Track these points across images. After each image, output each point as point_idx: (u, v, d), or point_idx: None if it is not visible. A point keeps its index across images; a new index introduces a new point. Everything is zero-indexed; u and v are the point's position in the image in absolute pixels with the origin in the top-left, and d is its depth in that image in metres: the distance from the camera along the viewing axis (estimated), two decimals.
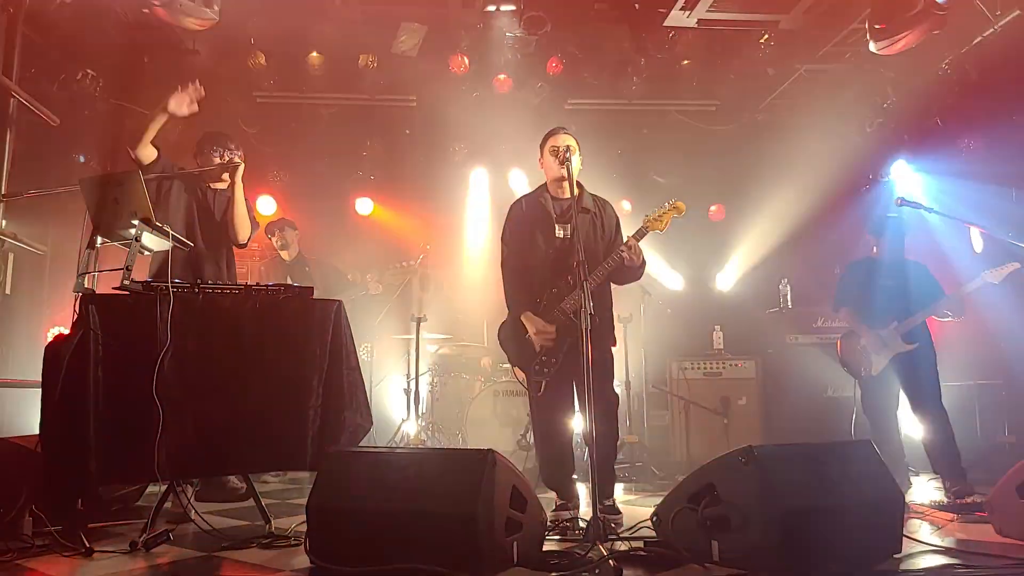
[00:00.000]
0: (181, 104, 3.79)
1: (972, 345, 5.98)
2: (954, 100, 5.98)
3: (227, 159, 3.99)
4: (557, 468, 3.79)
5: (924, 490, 4.63)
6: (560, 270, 3.75)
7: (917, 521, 3.56)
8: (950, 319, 4.62)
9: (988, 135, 5.74)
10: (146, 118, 3.82)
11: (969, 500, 4.05)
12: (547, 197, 3.89)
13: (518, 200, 4.02)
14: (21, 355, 5.88)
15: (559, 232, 3.80)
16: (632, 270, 3.74)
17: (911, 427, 5.63)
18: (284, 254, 6.14)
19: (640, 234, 3.68)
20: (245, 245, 4.20)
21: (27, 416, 5.64)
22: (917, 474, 5.09)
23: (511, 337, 3.85)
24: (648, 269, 3.90)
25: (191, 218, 4.03)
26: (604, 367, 3.69)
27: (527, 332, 3.76)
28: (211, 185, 4.13)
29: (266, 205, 7.61)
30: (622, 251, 3.61)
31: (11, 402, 5.54)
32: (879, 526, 2.70)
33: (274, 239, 6.15)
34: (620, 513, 3.64)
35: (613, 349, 3.89)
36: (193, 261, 3.97)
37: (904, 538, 2.79)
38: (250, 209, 4.16)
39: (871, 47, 5.07)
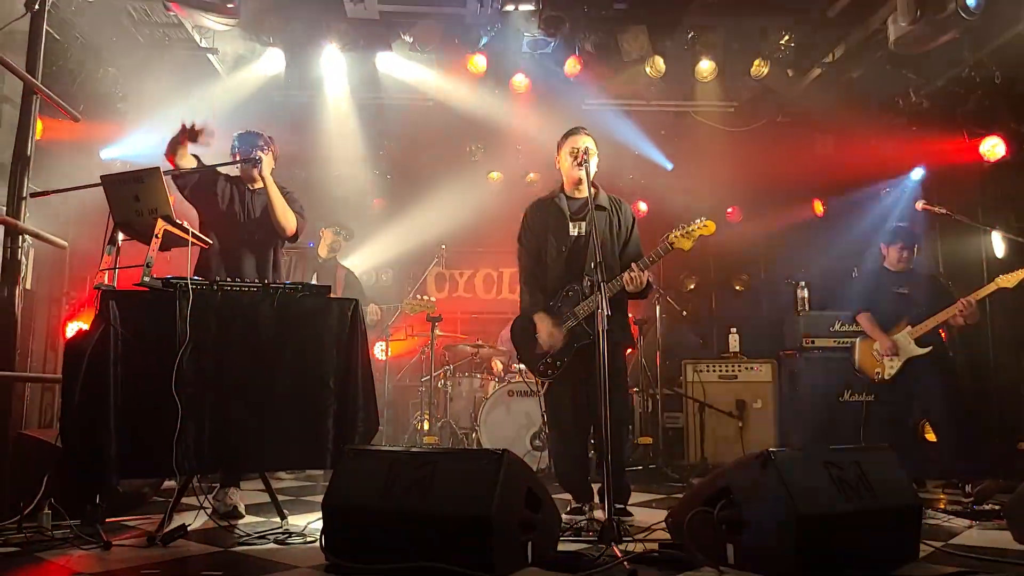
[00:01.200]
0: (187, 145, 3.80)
1: (991, 349, 5.91)
2: (977, 102, 5.90)
3: (249, 156, 3.96)
4: (572, 468, 3.79)
5: (941, 496, 4.58)
6: (574, 268, 3.75)
7: (934, 527, 3.52)
8: (961, 324, 4.64)
9: (1012, 137, 5.66)
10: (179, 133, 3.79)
11: (987, 506, 4.01)
12: (562, 197, 3.90)
13: (534, 202, 4.03)
14: (41, 350, 5.96)
15: (572, 230, 3.81)
16: (636, 293, 3.67)
17: (928, 431, 5.59)
18: (323, 252, 6.20)
19: (664, 250, 3.65)
20: (296, 238, 4.10)
21: (47, 411, 5.72)
22: (934, 479, 5.04)
23: (521, 334, 3.87)
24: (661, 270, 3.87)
25: (232, 218, 4.00)
26: (615, 376, 3.66)
27: (536, 330, 3.76)
28: (249, 185, 4.09)
29: None
30: (623, 278, 3.57)
31: (31, 397, 5.61)
32: (897, 531, 2.68)
33: (323, 234, 6.20)
34: (631, 515, 3.63)
35: (628, 352, 3.88)
36: (233, 259, 3.95)
37: (922, 544, 2.77)
38: (293, 201, 4.08)
39: (891, 44, 5.01)
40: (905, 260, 4.93)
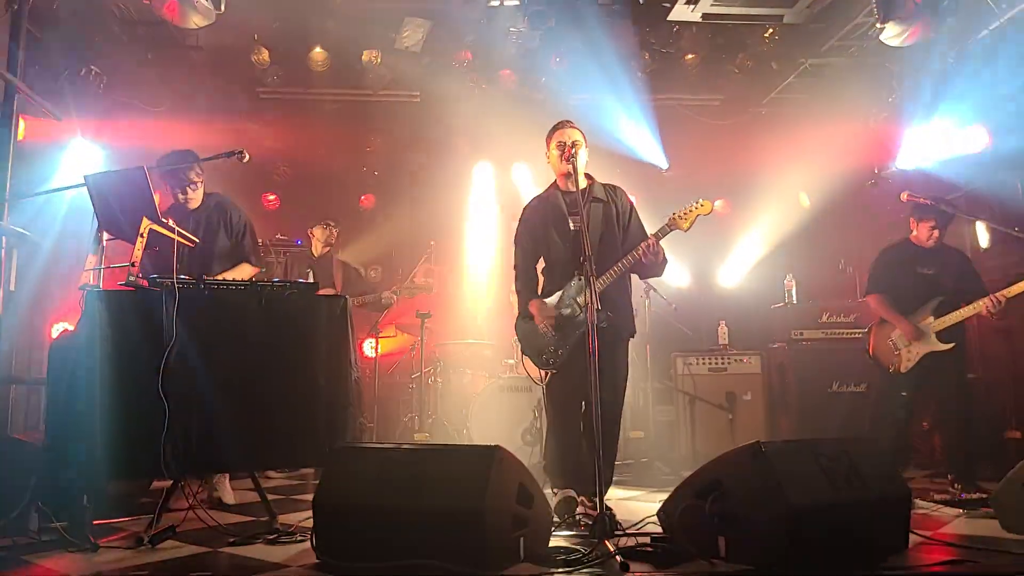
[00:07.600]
0: None
1: (981, 339, 5.96)
2: (959, 94, 5.94)
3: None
4: (565, 462, 3.79)
5: (930, 485, 4.62)
6: (577, 262, 3.75)
7: (923, 516, 3.55)
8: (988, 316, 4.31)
9: (994, 129, 5.70)
10: None
11: (975, 495, 4.03)
12: (557, 193, 3.90)
13: (531, 201, 4.03)
14: (26, 352, 5.90)
15: (572, 225, 3.80)
16: (652, 267, 3.73)
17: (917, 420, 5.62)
18: (317, 249, 6.16)
19: (663, 232, 3.66)
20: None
21: (32, 413, 5.66)
22: (922, 468, 5.08)
23: (523, 332, 3.90)
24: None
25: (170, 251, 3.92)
26: (614, 368, 3.68)
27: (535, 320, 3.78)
28: (186, 205, 4.00)
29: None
30: (640, 249, 3.60)
31: (16, 399, 5.55)
32: (886, 521, 2.70)
33: (313, 233, 6.16)
34: (609, 509, 3.63)
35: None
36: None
37: (910, 533, 2.79)
38: (249, 238, 4.06)
39: (874, 36, 5.05)
40: (936, 239, 4.56)
